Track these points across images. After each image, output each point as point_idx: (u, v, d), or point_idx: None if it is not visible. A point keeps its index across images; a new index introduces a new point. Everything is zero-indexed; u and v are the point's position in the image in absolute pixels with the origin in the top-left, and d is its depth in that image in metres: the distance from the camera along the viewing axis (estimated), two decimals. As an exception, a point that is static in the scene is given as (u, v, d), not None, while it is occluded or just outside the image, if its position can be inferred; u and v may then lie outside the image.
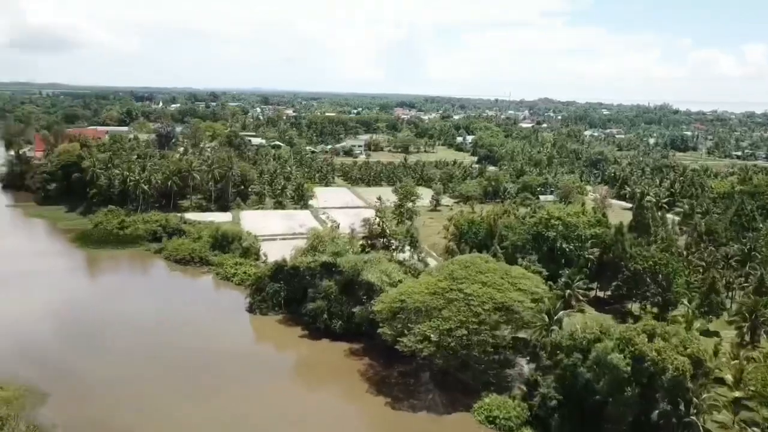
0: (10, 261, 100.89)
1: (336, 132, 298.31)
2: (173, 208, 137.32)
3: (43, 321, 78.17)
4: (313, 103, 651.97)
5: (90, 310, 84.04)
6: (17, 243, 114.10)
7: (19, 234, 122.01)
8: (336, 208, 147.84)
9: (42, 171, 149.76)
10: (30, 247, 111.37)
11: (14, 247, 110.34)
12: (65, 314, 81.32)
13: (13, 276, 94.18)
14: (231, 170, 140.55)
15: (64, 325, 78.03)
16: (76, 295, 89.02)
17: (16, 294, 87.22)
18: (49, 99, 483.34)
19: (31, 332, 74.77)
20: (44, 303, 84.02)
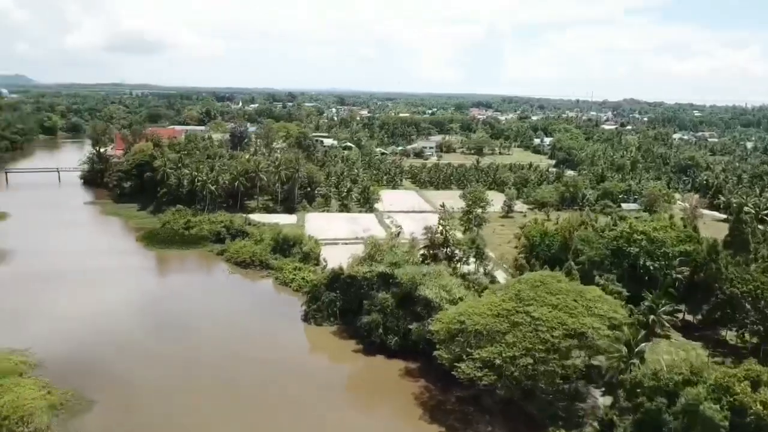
0: (77, 258, 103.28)
1: (408, 133, 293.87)
2: (240, 209, 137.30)
3: (99, 322, 78.05)
4: (388, 104, 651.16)
5: (147, 311, 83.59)
6: (89, 240, 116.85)
7: (93, 231, 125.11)
8: (401, 212, 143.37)
9: (118, 169, 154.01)
10: (100, 245, 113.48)
11: (86, 245, 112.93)
12: (122, 316, 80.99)
13: (77, 274, 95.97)
14: (298, 172, 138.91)
15: (120, 326, 77.50)
16: (135, 296, 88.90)
17: (80, 293, 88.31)
18: (137, 99, 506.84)
19: (86, 333, 74.67)
20: (103, 303, 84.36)
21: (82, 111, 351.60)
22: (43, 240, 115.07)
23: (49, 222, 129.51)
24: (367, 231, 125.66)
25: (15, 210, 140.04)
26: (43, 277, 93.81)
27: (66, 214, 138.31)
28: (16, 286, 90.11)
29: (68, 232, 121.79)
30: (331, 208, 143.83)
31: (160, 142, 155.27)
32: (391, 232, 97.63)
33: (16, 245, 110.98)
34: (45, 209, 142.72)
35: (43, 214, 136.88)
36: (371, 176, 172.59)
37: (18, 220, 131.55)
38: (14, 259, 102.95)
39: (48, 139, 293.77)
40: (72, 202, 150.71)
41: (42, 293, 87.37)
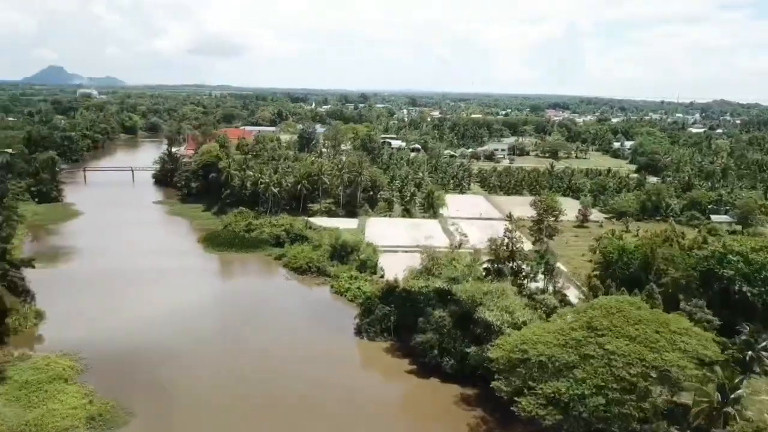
0: (137, 258, 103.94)
1: (479, 135, 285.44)
2: (302, 212, 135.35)
3: (149, 326, 76.86)
4: (461, 105, 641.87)
5: (199, 317, 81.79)
6: (152, 240, 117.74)
7: (157, 231, 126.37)
8: (467, 219, 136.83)
9: (185, 170, 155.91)
10: (161, 245, 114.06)
11: (148, 245, 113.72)
12: (174, 321, 79.55)
13: (136, 274, 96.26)
14: (360, 175, 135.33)
15: (170, 332, 75.95)
16: (190, 300, 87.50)
17: (136, 295, 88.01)
18: (215, 100, 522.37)
19: (135, 337, 73.48)
20: (157, 306, 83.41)
21: (161, 111, 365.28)
22: (108, 239, 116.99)
23: (116, 221, 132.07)
24: (429, 238, 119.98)
25: (88, 208, 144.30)
26: (103, 277, 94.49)
27: (134, 213, 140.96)
28: (76, 285, 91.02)
29: (133, 231, 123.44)
30: (394, 213, 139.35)
31: (226, 143, 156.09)
32: (453, 245, 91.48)
33: (83, 243, 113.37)
34: (115, 207, 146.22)
35: (112, 213, 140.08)
36: (437, 180, 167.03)
37: (89, 218, 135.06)
38: (79, 258, 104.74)
39: (128, 138, 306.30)
40: (141, 200, 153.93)
41: (100, 294, 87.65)
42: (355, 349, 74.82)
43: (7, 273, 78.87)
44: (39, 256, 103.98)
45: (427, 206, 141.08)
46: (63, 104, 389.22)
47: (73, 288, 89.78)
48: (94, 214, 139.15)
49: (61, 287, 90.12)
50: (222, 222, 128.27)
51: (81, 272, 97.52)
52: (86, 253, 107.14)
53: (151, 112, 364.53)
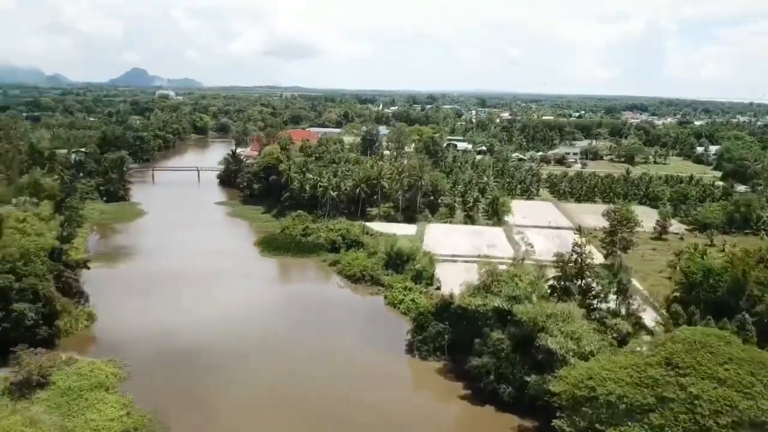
0: (193, 260, 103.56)
1: (550, 137, 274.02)
2: (360, 216, 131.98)
3: (197, 332, 75.02)
4: (532, 106, 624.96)
5: (247, 324, 79.33)
6: (210, 241, 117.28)
7: (215, 232, 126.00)
8: (534, 228, 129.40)
9: (247, 171, 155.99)
10: (218, 247, 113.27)
11: (205, 246, 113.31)
12: (222, 327, 77.46)
13: (190, 277, 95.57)
14: (421, 179, 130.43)
15: (216, 340, 73.80)
16: (239, 305, 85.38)
17: (187, 298, 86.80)
18: (285, 101, 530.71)
19: (181, 344, 71.77)
20: (206, 311, 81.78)
21: (231, 112, 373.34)
22: (167, 239, 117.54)
23: (177, 221, 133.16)
24: (491, 247, 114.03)
25: (153, 207, 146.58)
26: (158, 279, 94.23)
27: (196, 213, 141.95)
28: (131, 286, 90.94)
29: (192, 232, 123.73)
30: (455, 220, 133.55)
31: (287, 146, 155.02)
32: (517, 258, 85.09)
33: (143, 243, 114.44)
34: (178, 207, 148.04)
35: (174, 213, 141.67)
36: (503, 185, 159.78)
37: (152, 218, 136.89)
38: (137, 259, 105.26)
39: (199, 138, 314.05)
40: (204, 201, 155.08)
41: (153, 296, 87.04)
42: (406, 368, 70.10)
43: (62, 274, 79.31)
44: (100, 255, 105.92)
45: (491, 213, 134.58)
46: (140, 105, 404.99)
47: (127, 289, 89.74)
48: (157, 213, 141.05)
49: (116, 288, 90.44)
50: (280, 225, 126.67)
51: (137, 273, 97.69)
52: (144, 254, 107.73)
53: (222, 113, 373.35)
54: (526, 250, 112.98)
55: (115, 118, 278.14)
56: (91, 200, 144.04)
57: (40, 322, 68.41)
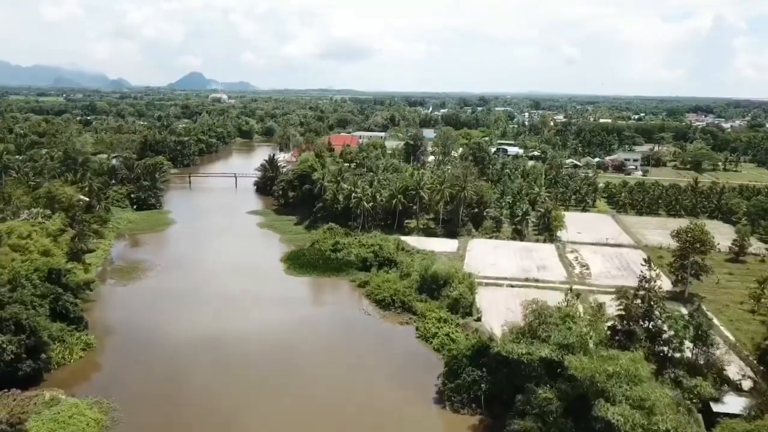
0: (213, 277, 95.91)
1: (607, 142, 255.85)
2: (397, 229, 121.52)
3: (199, 367, 66.11)
4: (588, 108, 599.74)
5: (254, 358, 69.70)
6: (234, 256, 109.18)
7: (242, 246, 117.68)
8: (591, 245, 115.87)
9: (282, 179, 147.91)
10: (242, 262, 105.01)
11: (229, 261, 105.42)
12: (224, 361, 68.31)
13: (207, 297, 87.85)
14: (464, 190, 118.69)
15: (217, 374, 64.70)
16: (250, 335, 76.10)
17: (199, 324, 78.27)
18: (334, 104, 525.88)
19: (180, 381, 62.97)
20: (216, 338, 72.88)
21: (278, 116, 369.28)
22: (190, 253, 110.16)
23: (205, 232, 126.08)
24: (541, 269, 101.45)
25: (182, 216, 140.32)
26: (170, 299, 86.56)
27: (225, 223, 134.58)
28: (140, 309, 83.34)
29: (218, 245, 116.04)
30: (502, 234, 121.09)
31: (322, 153, 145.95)
32: (570, 286, 72.64)
33: (163, 257, 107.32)
34: (209, 217, 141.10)
35: (203, 223, 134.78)
36: (556, 195, 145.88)
37: (179, 229, 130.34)
38: (153, 276, 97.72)
39: (244, 142, 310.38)
40: (237, 209, 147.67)
41: (159, 321, 78.91)
42: (435, 421, 59.00)
43: (60, 297, 72.07)
44: (116, 270, 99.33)
45: (542, 227, 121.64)
46: (191, 108, 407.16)
47: (135, 312, 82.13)
48: (186, 223, 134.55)
49: (124, 309, 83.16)
50: (311, 237, 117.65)
51: (150, 292, 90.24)
52: (162, 269, 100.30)
53: (269, 116, 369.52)
54: (581, 273, 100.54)
55: (161, 122, 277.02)
56: (120, 208, 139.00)
57: (24, 356, 60.81)
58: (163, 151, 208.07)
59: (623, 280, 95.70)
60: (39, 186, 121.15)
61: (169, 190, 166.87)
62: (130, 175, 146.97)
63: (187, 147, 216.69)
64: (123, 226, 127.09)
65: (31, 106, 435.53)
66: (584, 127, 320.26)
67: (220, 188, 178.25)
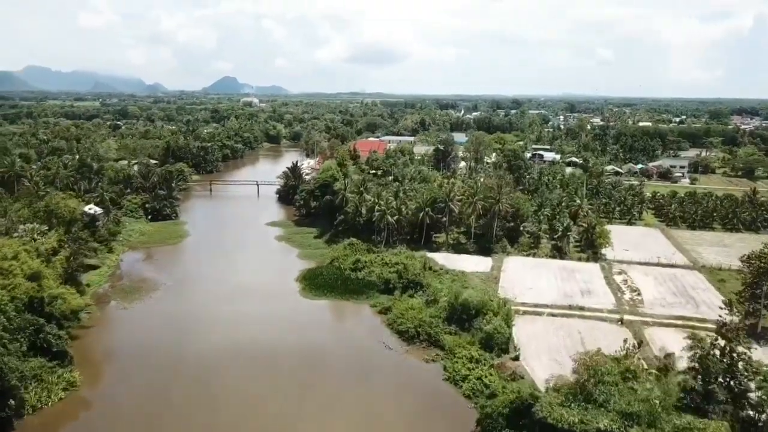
0: (221, 299, 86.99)
1: (650, 147, 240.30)
2: (425, 244, 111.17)
3: (186, 417, 56.92)
4: (626, 111, 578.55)
5: (251, 406, 60.47)
6: (246, 274, 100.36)
7: (257, 262, 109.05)
8: (640, 265, 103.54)
9: (303, 189, 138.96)
10: (255, 282, 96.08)
11: (240, 281, 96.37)
12: (233, 409, 59.01)
13: (210, 323, 78.67)
14: (498, 203, 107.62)
15: (208, 424, 55.46)
16: (250, 374, 66.78)
17: (200, 357, 69.24)
18: (363, 107, 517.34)
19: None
20: (205, 385, 63.66)
21: (306, 120, 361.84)
22: (199, 271, 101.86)
23: (219, 246, 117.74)
24: (586, 294, 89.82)
25: (198, 228, 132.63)
26: (169, 327, 78.13)
27: (242, 236, 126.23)
28: (138, 338, 74.85)
29: (231, 261, 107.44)
30: (540, 252, 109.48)
31: (345, 161, 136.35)
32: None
33: (173, 274, 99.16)
34: (225, 228, 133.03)
35: (219, 236, 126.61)
36: (598, 206, 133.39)
37: (192, 242, 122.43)
38: (159, 296, 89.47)
39: (271, 147, 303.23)
40: (256, 220, 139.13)
41: (157, 353, 70.22)
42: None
43: (41, 329, 63.86)
44: (118, 291, 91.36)
45: (585, 244, 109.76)
46: (220, 112, 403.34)
47: (131, 341, 73.72)
48: (200, 235, 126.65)
49: (120, 337, 75.13)
50: (331, 252, 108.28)
51: (151, 316, 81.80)
52: (168, 289, 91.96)
53: (297, 121, 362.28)
54: (632, 300, 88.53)
55: (187, 127, 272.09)
56: (134, 219, 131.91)
57: (-14, 403, 52.62)
58: (185, 157, 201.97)
59: (681, 309, 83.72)
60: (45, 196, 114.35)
61: (189, 198, 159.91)
62: (145, 184, 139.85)
63: (211, 153, 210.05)
64: (134, 239, 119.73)
65: (65, 110, 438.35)
66: (624, 131, 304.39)
67: (241, 196, 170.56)
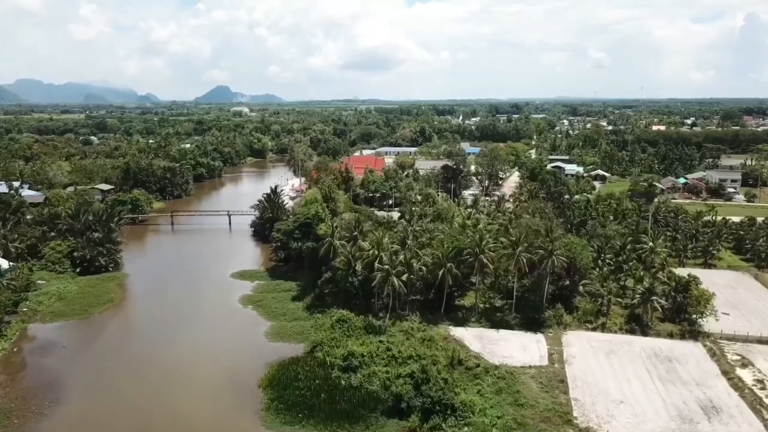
0: (133, 419, 52.23)
1: (686, 156, 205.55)
2: (446, 311, 77.22)
3: None
4: (629, 113, 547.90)
5: None
6: (183, 379, 65.90)
7: (208, 347, 74.53)
8: (762, 344, 69.55)
9: (280, 227, 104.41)
10: (188, 397, 61.64)
11: (170, 393, 61.94)
12: None
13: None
14: (551, 256, 73.25)
15: None
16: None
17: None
18: (357, 115, 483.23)
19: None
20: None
21: (294, 131, 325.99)
22: (117, 370, 66.91)
23: (159, 317, 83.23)
24: (712, 411, 55.49)
25: (142, 284, 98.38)
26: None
27: (196, 297, 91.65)
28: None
29: (167, 349, 72.76)
30: (611, 322, 75.19)
31: (332, 193, 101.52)
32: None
33: (73, 380, 64.45)
34: (177, 284, 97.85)
35: (166, 297, 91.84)
36: (665, 243, 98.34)
37: (127, 310, 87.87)
38: (38, 425, 54.98)
39: (256, 162, 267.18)
40: (221, 268, 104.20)
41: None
42: None
43: None
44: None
45: (672, 311, 75.54)
46: (204, 124, 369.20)
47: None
48: (140, 298, 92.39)
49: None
50: (313, 330, 74.27)
51: None
52: (52, 415, 57.32)
53: (285, 132, 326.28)
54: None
55: (158, 143, 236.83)
56: (56, 274, 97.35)
57: None
58: (148, 181, 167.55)
59: None
60: None
61: (144, 234, 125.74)
62: (75, 225, 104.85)
63: (180, 174, 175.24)
64: (47, 307, 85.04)
65: (43, 124, 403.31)
66: (643, 136, 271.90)
67: (209, 230, 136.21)
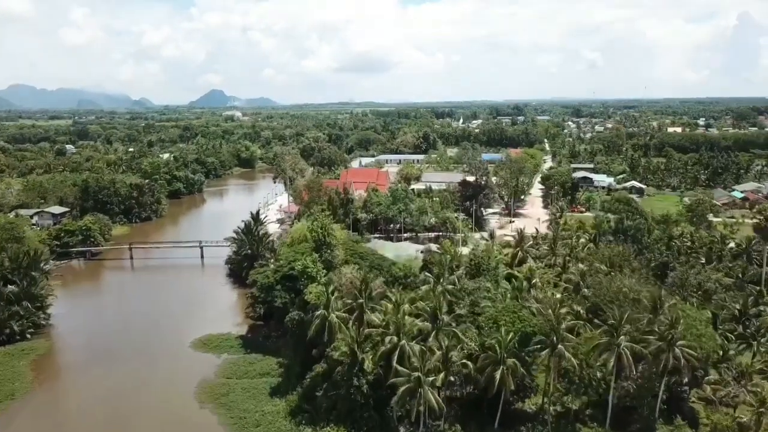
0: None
1: (733, 164, 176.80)
2: (502, 424, 49.56)
3: None
4: (633, 113, 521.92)
5: None
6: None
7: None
8: None
9: (256, 277, 76.32)
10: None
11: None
12: None
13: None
14: (671, 348, 45.42)
15: None
16: None
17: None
18: (353, 119, 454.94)
19: None
20: None
21: (286, 137, 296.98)
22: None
23: (74, 421, 55.26)
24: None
25: (72, 358, 70.39)
26: None
27: (137, 381, 63.39)
28: None
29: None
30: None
31: (328, 237, 72.47)
32: None
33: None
34: (116, 361, 69.04)
35: (93, 380, 63.53)
36: None
37: (33, 404, 59.54)
38: None
39: (244, 173, 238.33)
40: (182, 332, 76.29)
41: None
42: None
43: None
44: None
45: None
46: (191, 130, 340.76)
47: None
48: (54, 390, 64.12)
49: None
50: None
51: None
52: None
53: (277, 139, 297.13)
54: None
55: (132, 154, 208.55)
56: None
57: None
58: (110, 202, 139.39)
59: None
60: None
61: (95, 273, 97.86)
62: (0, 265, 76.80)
63: (148, 193, 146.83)
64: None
65: (17, 133, 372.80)
66: (666, 140, 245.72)
67: (177, 266, 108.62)
